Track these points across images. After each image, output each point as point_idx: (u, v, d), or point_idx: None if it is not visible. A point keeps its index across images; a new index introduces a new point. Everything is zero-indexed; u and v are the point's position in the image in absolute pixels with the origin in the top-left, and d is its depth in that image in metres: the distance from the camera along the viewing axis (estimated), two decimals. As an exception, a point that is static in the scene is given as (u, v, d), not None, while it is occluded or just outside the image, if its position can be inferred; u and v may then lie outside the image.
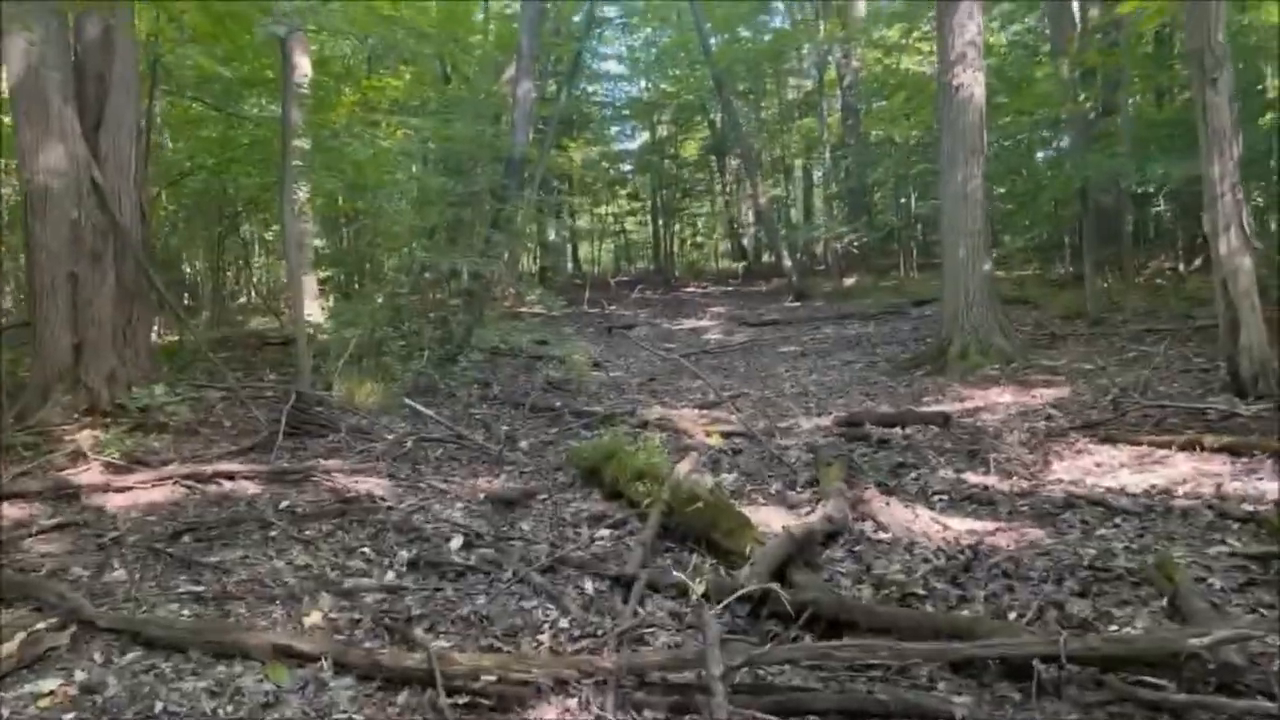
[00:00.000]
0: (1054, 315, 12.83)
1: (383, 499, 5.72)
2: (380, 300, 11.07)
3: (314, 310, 13.40)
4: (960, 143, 9.83)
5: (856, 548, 4.68)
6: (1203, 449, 5.70)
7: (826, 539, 4.75)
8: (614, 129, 33.26)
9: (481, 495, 5.85)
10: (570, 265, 32.94)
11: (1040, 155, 20.45)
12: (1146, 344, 10.06)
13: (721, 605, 3.57)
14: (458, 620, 3.96)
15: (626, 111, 31.84)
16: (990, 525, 4.83)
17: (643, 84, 31.74)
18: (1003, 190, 17.73)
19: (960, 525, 4.87)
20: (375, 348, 9.59)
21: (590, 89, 29.97)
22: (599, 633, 3.77)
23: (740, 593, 3.62)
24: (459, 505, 5.66)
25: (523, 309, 18.07)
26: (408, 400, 7.80)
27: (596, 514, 5.47)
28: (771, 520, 5.21)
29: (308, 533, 5.07)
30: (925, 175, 21.02)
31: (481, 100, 16.58)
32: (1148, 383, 7.77)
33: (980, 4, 10.01)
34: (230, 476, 6.03)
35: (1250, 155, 9.01)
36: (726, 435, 7.62)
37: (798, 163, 31.60)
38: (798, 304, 20.01)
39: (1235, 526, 4.38)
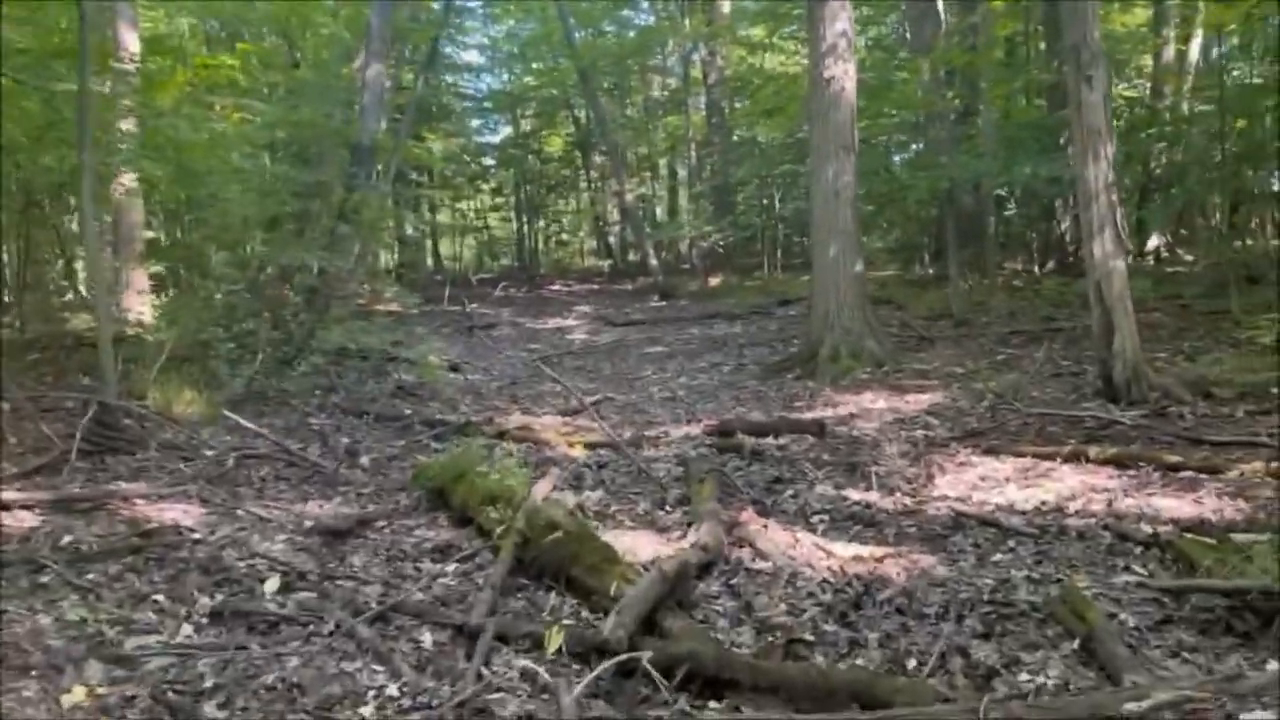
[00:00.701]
0: (919, 316, 12.76)
1: (190, 530, 4.90)
2: (218, 297, 10.06)
3: (144, 308, 12.21)
4: (832, 138, 9.53)
5: (734, 580, 4.17)
6: (1088, 460, 5.45)
7: (701, 570, 4.23)
8: (476, 121, 32.25)
9: (309, 524, 5.11)
10: (431, 262, 31.76)
11: (897, 158, 20.72)
12: (1013, 346, 10.00)
13: (584, 683, 2.97)
14: (261, 691, 3.25)
15: (488, 104, 30.89)
16: (878, 551, 4.40)
17: (505, 76, 30.87)
18: (863, 191, 17.81)
19: (845, 551, 4.43)
20: (201, 350, 8.62)
21: (451, 79, 28.91)
22: (434, 703, 3.13)
23: (606, 665, 3.03)
24: (281, 537, 4.90)
25: (379, 307, 17.13)
26: (227, 412, 6.93)
27: (441, 545, 4.81)
28: (640, 547, 4.68)
29: (90, 577, 4.24)
30: (789, 175, 21.01)
31: (331, 85, 15.48)
32: (1021, 388, 7.58)
33: (851, -4, 9.76)
34: (5, 506, 5.09)
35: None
36: (591, 446, 7.07)
37: (663, 161, 31.34)
38: (663, 303, 19.68)
39: (1138, 551, 4.07)
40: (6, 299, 15.15)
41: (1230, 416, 6.23)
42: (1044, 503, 4.89)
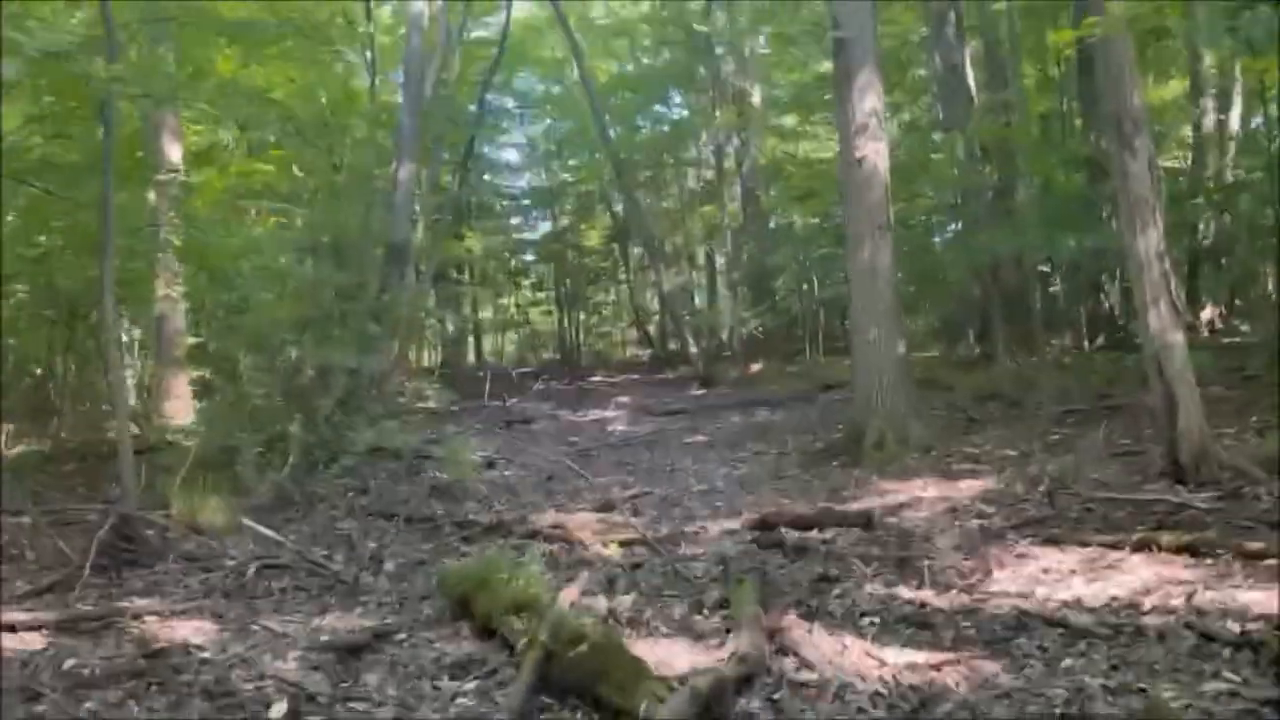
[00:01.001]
0: (966, 397, 12.35)
1: (199, 649, 4.64)
2: (256, 399, 10.00)
3: (188, 415, 12.22)
4: (866, 218, 9.32)
5: (776, 695, 3.80)
6: (1159, 549, 5.01)
7: (740, 684, 3.87)
8: (515, 219, 32.71)
9: (325, 639, 4.82)
10: (474, 357, 31.90)
11: (936, 239, 20.55)
12: (1067, 426, 9.56)
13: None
14: (253, 838, 2.95)
15: (527, 201, 31.34)
16: (933, 657, 4.01)
17: (543, 173, 31.34)
18: (902, 273, 17.60)
19: (898, 658, 4.05)
20: (229, 456, 8.47)
21: (490, 178, 29.44)
22: None
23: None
24: (294, 654, 4.60)
25: (421, 405, 17.11)
26: (246, 520, 6.71)
27: (462, 659, 4.49)
28: (675, 657, 4.34)
29: (88, 705, 3.98)
30: (827, 259, 20.88)
31: (365, 187, 15.72)
32: (1080, 470, 7.15)
33: (878, 74, 9.63)
34: (12, 628, 4.87)
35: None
36: (625, 544, 6.73)
37: (700, 249, 31.44)
38: (704, 391, 19.44)
39: (1226, 654, 3.64)
40: (58, 406, 15.29)
41: (1311, 497, 5.77)
42: (1115, 598, 4.46)
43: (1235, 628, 3.81)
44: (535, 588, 4.76)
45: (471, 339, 32.32)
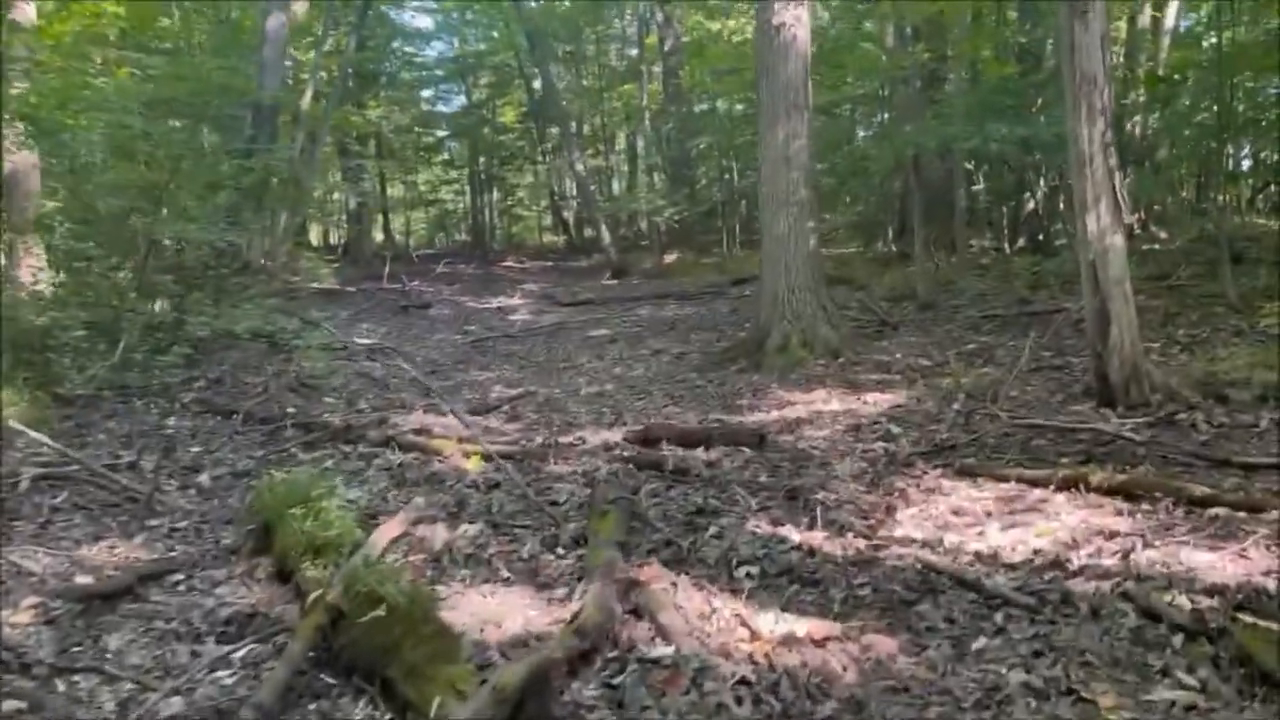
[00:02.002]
0: (880, 298, 11.65)
1: (-90, 593, 3.67)
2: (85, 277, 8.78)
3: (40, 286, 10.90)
4: (782, 95, 8.32)
5: (619, 678, 3.00)
6: (1088, 488, 4.31)
7: (580, 660, 3.07)
8: (426, 91, 30.67)
9: (80, 579, 3.87)
10: (381, 237, 30.23)
11: (861, 133, 19.71)
12: (985, 333, 8.92)
13: None
14: None
15: (440, 72, 29.33)
16: (818, 628, 3.25)
17: (456, 43, 29.30)
18: (825, 165, 16.72)
19: (775, 627, 3.28)
20: (38, 339, 7.31)
21: (398, 45, 27.34)
22: None
23: None
24: (31, 601, 3.65)
25: (311, 285, 15.89)
26: (13, 423, 5.62)
27: (243, 614, 3.61)
28: (508, 614, 3.54)
29: None
30: (750, 146, 19.87)
31: (235, 40, 14.07)
32: (999, 387, 6.44)
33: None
34: None
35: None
36: (489, 458, 5.85)
37: (621, 133, 30.00)
38: (615, 282, 18.59)
39: (1177, 641, 2.92)
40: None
41: (1253, 426, 5.13)
42: (1038, 551, 3.74)
43: (1185, 603, 3.09)
44: (338, 526, 3.86)
45: (381, 218, 30.58)
